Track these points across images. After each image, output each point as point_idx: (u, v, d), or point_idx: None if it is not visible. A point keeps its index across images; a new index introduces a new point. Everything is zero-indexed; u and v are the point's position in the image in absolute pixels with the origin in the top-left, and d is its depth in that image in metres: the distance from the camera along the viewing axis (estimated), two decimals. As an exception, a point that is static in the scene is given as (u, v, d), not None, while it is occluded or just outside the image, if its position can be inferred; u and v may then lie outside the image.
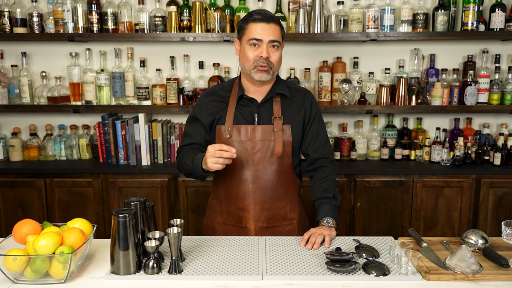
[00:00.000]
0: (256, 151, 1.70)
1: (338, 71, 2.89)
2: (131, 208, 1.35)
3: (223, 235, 1.74)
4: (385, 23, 2.76)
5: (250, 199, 1.71)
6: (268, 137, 1.70)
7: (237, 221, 1.75)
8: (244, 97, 1.74)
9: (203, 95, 1.83)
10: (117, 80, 2.88)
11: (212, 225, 1.82)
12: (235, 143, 1.69)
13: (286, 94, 1.76)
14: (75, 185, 2.72)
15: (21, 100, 2.89)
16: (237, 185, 1.71)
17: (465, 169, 2.73)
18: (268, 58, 1.66)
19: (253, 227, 1.73)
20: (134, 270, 1.33)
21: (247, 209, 1.72)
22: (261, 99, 1.75)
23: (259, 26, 1.65)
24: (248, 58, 1.68)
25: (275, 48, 1.67)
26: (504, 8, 2.76)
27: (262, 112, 1.74)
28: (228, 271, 1.35)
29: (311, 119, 1.79)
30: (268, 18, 1.66)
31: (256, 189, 1.71)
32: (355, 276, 1.33)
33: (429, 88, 2.86)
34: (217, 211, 1.80)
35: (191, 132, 1.81)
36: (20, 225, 1.38)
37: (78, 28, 2.80)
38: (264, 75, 1.67)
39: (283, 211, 1.76)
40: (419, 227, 2.73)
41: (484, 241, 1.48)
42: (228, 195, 1.74)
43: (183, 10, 2.81)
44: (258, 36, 1.65)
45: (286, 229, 1.77)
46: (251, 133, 1.70)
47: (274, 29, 1.66)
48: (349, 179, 2.71)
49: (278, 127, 1.70)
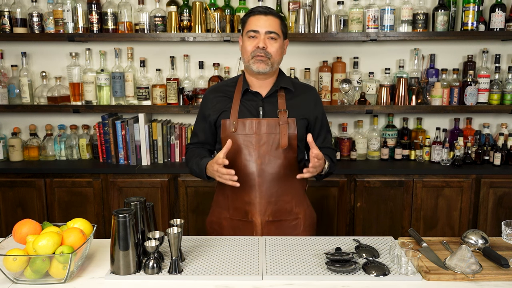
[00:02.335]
0: (261, 144, 1.70)
1: (338, 71, 2.89)
2: (131, 208, 1.35)
3: (230, 231, 1.76)
4: (385, 23, 2.76)
5: (256, 193, 1.72)
6: (273, 130, 1.70)
7: (243, 216, 1.75)
8: (248, 91, 1.75)
9: (208, 92, 1.85)
10: (117, 80, 2.88)
11: (218, 221, 1.82)
12: (240, 137, 1.70)
13: (291, 88, 1.77)
14: (75, 185, 2.72)
15: (21, 100, 2.89)
16: (242, 179, 1.70)
17: (465, 169, 2.73)
18: (265, 48, 1.67)
19: (259, 221, 1.73)
20: (134, 270, 1.33)
21: (253, 203, 1.72)
22: (266, 93, 1.76)
23: (256, 18, 1.69)
24: (246, 50, 1.71)
25: (273, 40, 1.69)
26: (504, 8, 2.76)
27: (266, 106, 1.74)
28: (228, 271, 1.35)
29: (316, 115, 1.81)
30: (266, 10, 1.70)
31: (262, 182, 1.71)
32: (355, 276, 1.33)
33: (429, 88, 2.86)
34: (223, 207, 1.81)
35: (198, 132, 1.87)
36: (20, 225, 1.38)
37: (78, 28, 2.80)
38: (262, 66, 1.68)
39: (289, 205, 1.76)
40: (419, 227, 2.73)
41: (484, 241, 1.48)
42: (234, 190, 1.73)
43: (183, 10, 2.81)
44: (255, 28, 1.68)
45: (292, 223, 1.77)
46: (256, 126, 1.70)
47: (272, 21, 1.69)
48: (349, 179, 2.71)
49: (283, 120, 1.71)
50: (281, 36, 1.72)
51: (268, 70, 1.70)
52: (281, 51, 1.74)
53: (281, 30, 1.71)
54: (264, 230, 1.73)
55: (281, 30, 1.72)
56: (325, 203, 2.70)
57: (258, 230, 1.73)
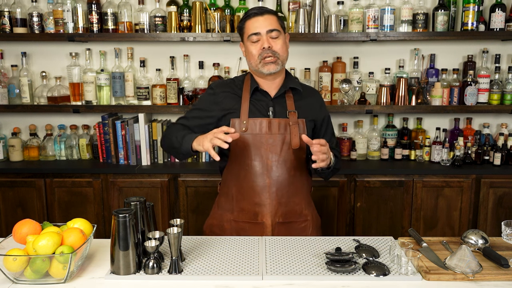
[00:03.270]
0: (272, 144, 1.69)
1: (338, 71, 2.89)
2: (131, 208, 1.35)
3: (234, 233, 1.73)
4: (385, 23, 2.76)
5: (266, 194, 1.69)
6: (284, 131, 1.70)
7: (252, 218, 1.72)
8: (258, 89, 1.74)
9: (215, 86, 1.79)
10: (117, 80, 2.88)
11: (220, 224, 1.78)
12: (250, 136, 1.69)
13: (299, 89, 1.77)
14: (75, 185, 2.72)
15: (21, 100, 2.89)
16: (252, 180, 1.69)
17: (465, 169, 2.73)
18: (271, 47, 1.66)
19: (270, 222, 1.70)
20: (134, 270, 1.33)
21: (264, 204, 1.70)
22: (274, 94, 1.75)
23: (254, 20, 1.68)
24: (252, 54, 1.69)
25: (276, 38, 1.68)
26: (504, 8, 2.76)
27: (276, 106, 1.74)
28: (228, 271, 1.35)
29: (323, 117, 1.82)
30: (261, 10, 1.68)
31: (273, 183, 1.70)
32: (355, 276, 1.33)
33: (429, 88, 2.86)
34: (226, 209, 1.78)
35: (189, 118, 1.76)
36: (20, 225, 1.38)
37: (78, 28, 2.80)
38: (272, 67, 1.68)
39: (299, 206, 1.75)
40: (419, 227, 2.73)
41: (484, 241, 1.48)
42: (242, 191, 1.72)
43: (183, 10, 2.81)
44: (255, 30, 1.67)
45: (301, 225, 1.76)
46: (267, 126, 1.69)
47: (269, 19, 1.67)
48: (349, 179, 2.71)
49: (293, 121, 1.70)
50: (281, 31, 1.71)
51: (279, 69, 1.70)
52: (286, 47, 1.72)
53: (280, 26, 1.71)
54: (274, 231, 1.71)
55: (280, 26, 1.71)
56: (325, 203, 2.70)
57: (268, 232, 1.71)
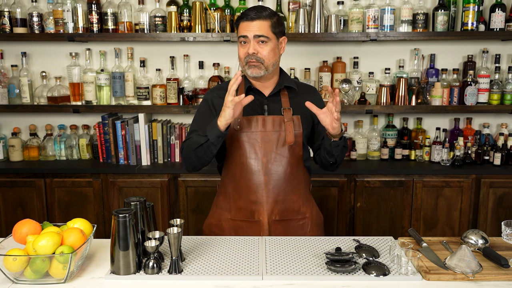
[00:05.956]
0: (267, 141, 1.69)
1: (338, 71, 2.90)
2: (131, 208, 1.35)
3: (232, 232, 1.73)
4: (385, 23, 2.76)
5: (263, 191, 1.69)
6: (279, 128, 1.70)
7: (249, 216, 1.72)
8: (251, 88, 1.74)
9: (208, 92, 1.83)
10: (117, 80, 2.88)
11: (218, 223, 1.79)
12: (245, 134, 1.69)
13: (294, 87, 1.77)
14: (75, 185, 2.72)
15: (21, 100, 2.89)
16: (248, 178, 1.69)
17: (465, 169, 2.73)
18: (256, 53, 1.66)
19: (266, 220, 1.70)
20: (134, 270, 1.33)
21: (260, 202, 1.70)
22: (269, 93, 1.76)
23: (245, 23, 1.68)
24: (239, 56, 1.72)
25: (263, 44, 1.67)
26: (504, 8, 2.76)
27: (270, 105, 1.74)
28: (228, 271, 1.35)
29: None
30: (254, 15, 1.66)
31: (269, 180, 1.69)
32: (355, 276, 1.33)
33: (429, 88, 2.86)
34: (224, 208, 1.78)
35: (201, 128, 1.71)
36: (20, 225, 1.38)
37: (78, 28, 2.80)
38: (255, 71, 1.68)
39: (296, 204, 1.75)
40: (419, 227, 2.73)
41: (484, 241, 1.48)
42: (238, 189, 1.72)
43: (183, 10, 2.81)
44: (244, 33, 1.68)
45: (299, 223, 1.76)
46: (261, 123, 1.70)
47: (260, 25, 1.65)
48: (349, 179, 2.71)
49: (288, 118, 1.71)
50: (272, 38, 1.68)
51: (262, 74, 1.68)
52: (274, 53, 1.69)
53: (271, 32, 1.67)
54: (271, 229, 1.71)
55: (272, 32, 1.67)
56: (325, 203, 2.70)
57: (265, 230, 1.71)
